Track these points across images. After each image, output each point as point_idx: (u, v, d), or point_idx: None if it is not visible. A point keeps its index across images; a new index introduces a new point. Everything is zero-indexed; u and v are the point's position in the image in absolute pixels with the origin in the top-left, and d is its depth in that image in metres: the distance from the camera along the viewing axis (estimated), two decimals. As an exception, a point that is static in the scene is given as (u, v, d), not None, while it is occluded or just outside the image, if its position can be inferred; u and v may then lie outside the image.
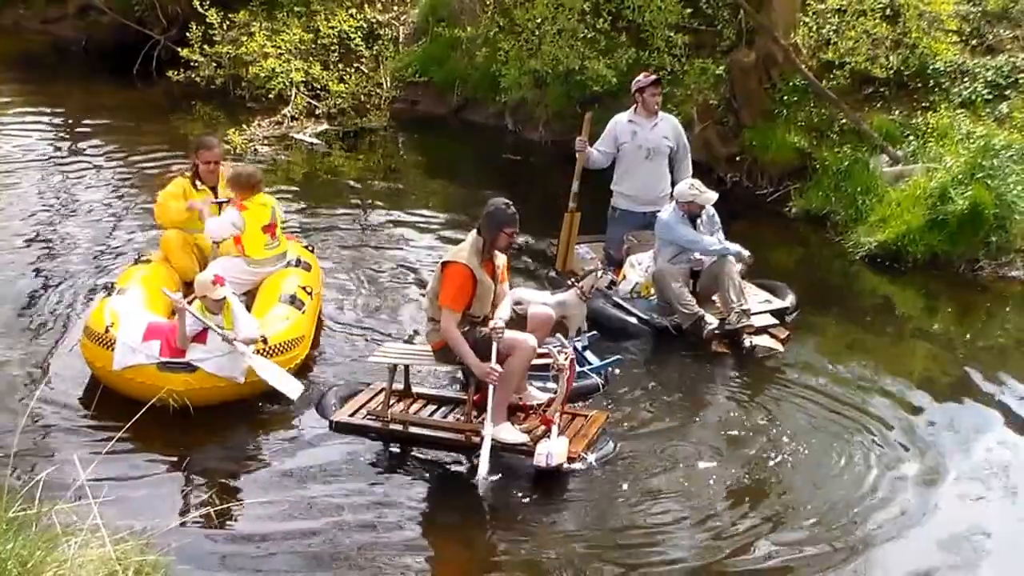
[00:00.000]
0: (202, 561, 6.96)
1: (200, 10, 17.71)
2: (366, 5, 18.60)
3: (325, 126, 17.25)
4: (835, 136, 14.25)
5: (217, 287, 8.66)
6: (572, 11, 15.29)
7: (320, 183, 15.65)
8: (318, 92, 17.68)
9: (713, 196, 10.45)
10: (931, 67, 14.52)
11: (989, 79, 14.24)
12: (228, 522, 7.50)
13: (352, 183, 15.69)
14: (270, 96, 17.50)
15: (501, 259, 8.49)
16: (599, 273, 9.89)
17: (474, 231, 8.29)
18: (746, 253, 10.43)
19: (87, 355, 9.08)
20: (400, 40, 18.83)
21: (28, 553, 4.14)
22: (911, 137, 13.85)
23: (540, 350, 8.48)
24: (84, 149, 16.32)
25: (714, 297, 10.50)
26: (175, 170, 11.87)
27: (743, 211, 13.31)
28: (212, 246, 9.99)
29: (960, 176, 12.52)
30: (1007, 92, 14.08)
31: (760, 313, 10.51)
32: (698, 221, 10.48)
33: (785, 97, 14.78)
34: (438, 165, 17.02)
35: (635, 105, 11.34)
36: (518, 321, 8.65)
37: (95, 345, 8.91)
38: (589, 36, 15.66)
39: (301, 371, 9.36)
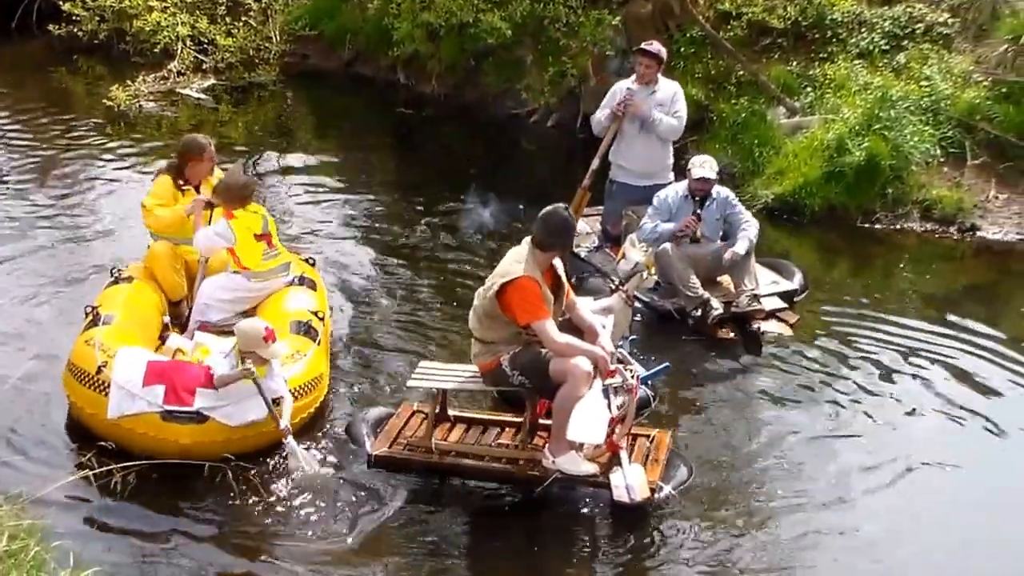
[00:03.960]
0: (79, 527, 6.89)
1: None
2: (255, -44, 18.22)
3: (212, 81, 17.07)
4: (732, 88, 14.28)
5: (269, 344, 7.58)
6: (466, -38, 15.20)
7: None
8: (205, 46, 17.41)
9: (706, 173, 9.94)
10: (829, 17, 14.56)
11: (887, 29, 14.28)
12: (107, 489, 7.23)
13: (241, 140, 15.48)
14: (155, 51, 17.27)
15: (562, 270, 7.71)
16: (644, 274, 9.51)
17: (526, 242, 7.51)
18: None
19: (73, 398, 7.91)
20: (289, -7, 18.59)
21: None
22: (808, 88, 13.91)
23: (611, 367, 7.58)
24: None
25: (720, 279, 10.21)
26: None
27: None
28: (200, 261, 9.01)
29: (857, 127, 12.65)
30: (904, 43, 14.14)
31: (769, 295, 10.17)
32: (708, 203, 10.04)
33: (682, 48, 14.70)
34: (330, 120, 16.92)
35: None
36: (568, 327, 7.68)
37: (85, 388, 7.75)
38: (482, -13, 15.53)
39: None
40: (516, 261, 7.37)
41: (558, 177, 14.09)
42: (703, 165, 9.95)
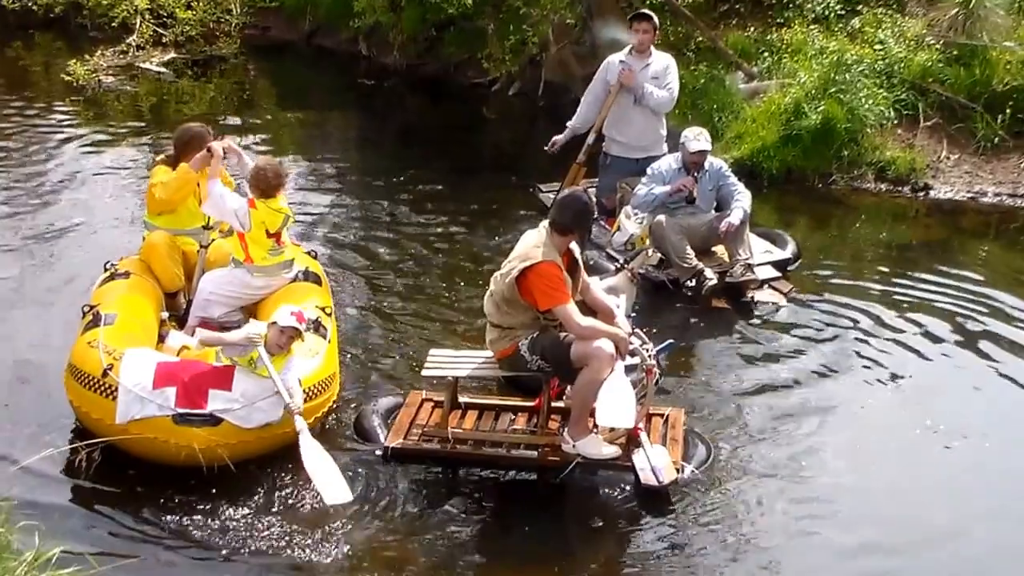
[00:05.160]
0: (46, 506, 6.74)
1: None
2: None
3: (172, 55, 16.98)
4: (691, 54, 14.31)
5: (295, 342, 7.34)
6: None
7: (169, 113, 15.34)
8: (164, 20, 17.26)
9: (702, 145, 9.89)
10: None
11: (842, -6, 14.39)
12: (74, 469, 7.24)
13: (203, 113, 15.28)
14: (114, 25, 17.13)
15: (578, 252, 7.58)
16: (649, 252, 9.54)
17: (543, 225, 7.36)
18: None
19: (77, 403, 7.44)
20: (249, -35, 18.50)
21: None
22: (765, 54, 13.99)
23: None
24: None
25: (714, 249, 10.20)
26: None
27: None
28: (199, 251, 8.65)
29: (813, 91, 12.79)
30: (859, 7, 14.30)
31: (762, 264, 10.14)
32: (701, 174, 10.00)
33: None
34: (292, 92, 16.84)
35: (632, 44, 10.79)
36: (582, 308, 7.48)
37: (89, 392, 7.29)
38: (444, -43, 15.55)
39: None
40: (535, 246, 7.21)
41: (521, 145, 14.29)
42: (698, 137, 9.91)
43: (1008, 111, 12.84)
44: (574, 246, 7.43)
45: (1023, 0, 13.70)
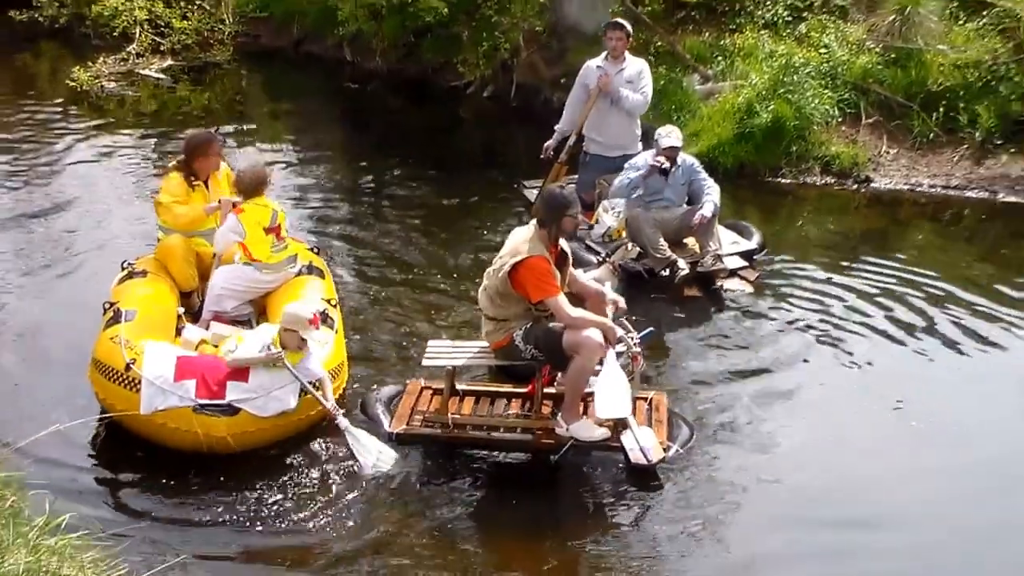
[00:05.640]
0: (54, 479, 6.66)
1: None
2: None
3: (170, 61, 16.91)
4: (652, 58, 14.10)
5: (311, 329, 7.31)
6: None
7: (168, 116, 15.31)
8: (162, 29, 17.19)
9: (673, 142, 9.94)
10: None
11: (789, 2, 14.49)
12: (81, 444, 7.37)
13: (199, 116, 15.35)
14: (115, 34, 17.00)
15: (566, 246, 7.58)
16: (629, 245, 9.63)
17: (532, 222, 7.37)
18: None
19: (102, 395, 7.42)
20: (241, -23, 18.44)
21: None
22: (720, 57, 14.05)
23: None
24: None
25: (686, 240, 10.21)
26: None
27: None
28: (215, 254, 8.61)
29: (764, 92, 12.91)
30: (805, 14, 14.40)
31: (731, 255, 10.14)
32: (674, 169, 10.05)
33: (605, 23, 14.72)
34: (282, 95, 16.82)
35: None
36: (570, 299, 7.48)
37: (114, 385, 7.27)
38: (421, -30, 15.49)
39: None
40: (524, 241, 7.21)
41: (494, 143, 14.38)
42: (670, 135, 9.98)
43: (941, 109, 12.99)
44: (563, 242, 7.45)
45: (954, 7, 13.80)
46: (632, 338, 7.43)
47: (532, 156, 11.17)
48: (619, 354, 7.36)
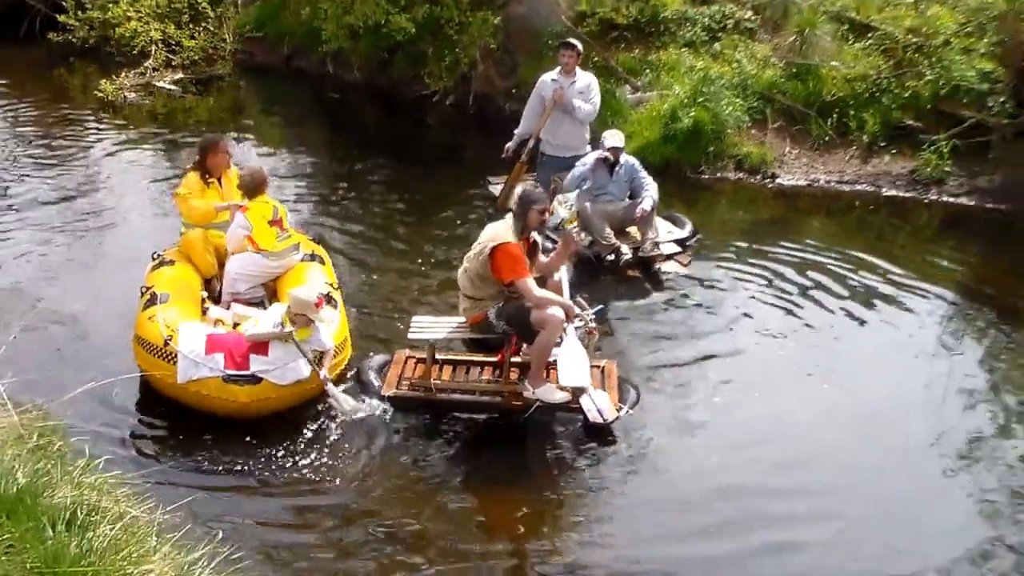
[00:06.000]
0: (91, 429, 6.82)
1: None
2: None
3: (180, 75, 16.75)
4: (590, 71, 14.17)
5: (319, 310, 7.35)
6: (377, -25, 15.09)
7: (179, 121, 15.17)
8: (173, 47, 17.03)
9: (616, 143, 10.07)
10: (662, 15, 14.58)
11: (706, 24, 14.43)
12: (113, 399, 7.37)
13: (205, 120, 15.32)
14: (134, 52, 16.84)
15: (538, 238, 7.72)
16: (582, 236, 9.69)
17: (510, 215, 7.47)
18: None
19: (144, 366, 7.46)
20: (239, 3, 18.23)
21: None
22: (648, 71, 13.97)
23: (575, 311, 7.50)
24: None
25: (629, 230, 10.22)
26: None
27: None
28: (228, 245, 8.54)
29: (685, 100, 12.86)
30: (719, 34, 14.35)
31: (667, 242, 10.25)
32: (616, 168, 10.10)
33: (550, 41, 14.62)
34: (274, 104, 16.71)
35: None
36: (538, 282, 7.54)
37: (154, 358, 7.36)
38: (392, -5, 15.42)
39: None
40: (501, 230, 7.30)
41: (455, 145, 14.30)
42: (613, 137, 10.11)
43: (835, 116, 13.05)
44: (535, 234, 7.57)
45: (844, 30, 13.85)
46: (587, 315, 7.47)
47: (488, 156, 11.25)
48: (576, 328, 7.40)
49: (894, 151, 12.84)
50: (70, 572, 3.36)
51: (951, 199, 12.22)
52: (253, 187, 8.28)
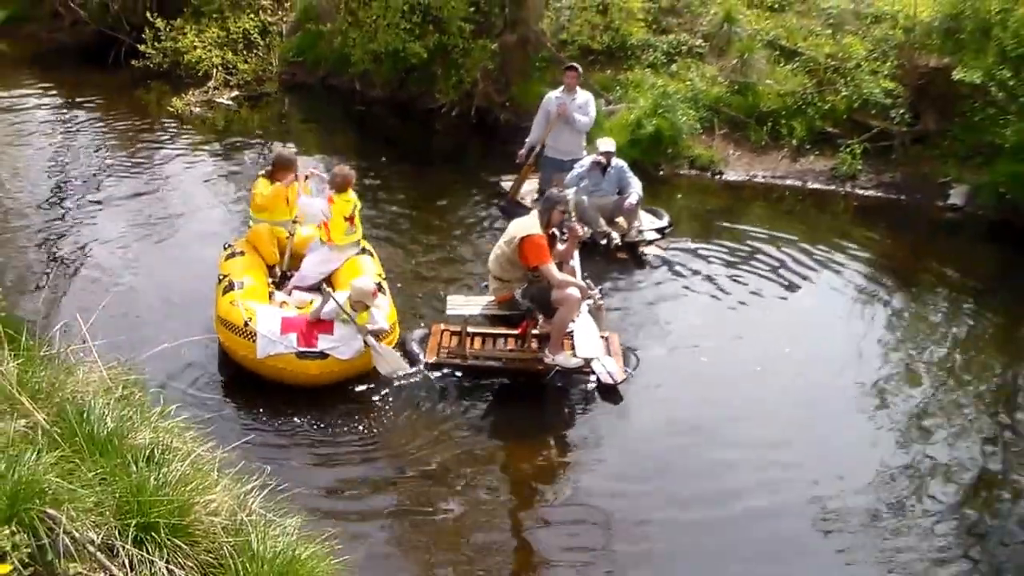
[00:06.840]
0: (167, 381, 6.96)
1: (151, 19, 16.93)
2: (260, 11, 17.62)
3: (236, 93, 16.46)
4: (588, 90, 14.04)
5: (375, 298, 7.22)
6: (395, 10, 14.92)
7: (235, 131, 14.97)
8: (231, 70, 16.77)
9: (609, 148, 10.02)
10: (629, 42, 14.49)
11: (664, 49, 14.28)
12: (185, 355, 7.24)
13: (257, 130, 15.17)
14: (199, 74, 16.54)
15: (555, 230, 7.57)
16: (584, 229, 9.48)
17: (534, 212, 7.40)
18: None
19: (228, 344, 7.35)
20: (283, 33, 17.88)
21: (54, 377, 4.01)
22: (618, 88, 13.85)
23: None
24: (79, 115, 15.34)
25: (618, 220, 10.16)
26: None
27: (511, 139, 12.86)
28: (288, 237, 8.28)
29: (648, 111, 12.72)
30: (675, 58, 14.20)
31: (649, 230, 10.15)
32: (608, 169, 10.05)
33: (537, 64, 14.64)
34: (312, 115, 16.45)
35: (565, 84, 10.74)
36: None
37: (237, 337, 7.21)
38: (407, 27, 15.13)
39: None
40: (531, 224, 7.22)
41: (460, 150, 14.15)
42: (606, 143, 10.11)
43: (769, 124, 12.94)
44: (555, 229, 7.51)
45: (776, 54, 13.73)
46: (596, 294, 7.47)
47: (488, 158, 11.40)
48: (587, 305, 7.41)
49: (817, 152, 12.77)
50: (150, 500, 3.41)
51: (862, 192, 12.20)
52: (341, 183, 7.98)
